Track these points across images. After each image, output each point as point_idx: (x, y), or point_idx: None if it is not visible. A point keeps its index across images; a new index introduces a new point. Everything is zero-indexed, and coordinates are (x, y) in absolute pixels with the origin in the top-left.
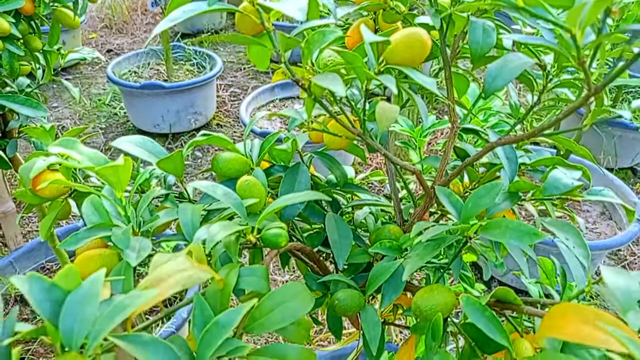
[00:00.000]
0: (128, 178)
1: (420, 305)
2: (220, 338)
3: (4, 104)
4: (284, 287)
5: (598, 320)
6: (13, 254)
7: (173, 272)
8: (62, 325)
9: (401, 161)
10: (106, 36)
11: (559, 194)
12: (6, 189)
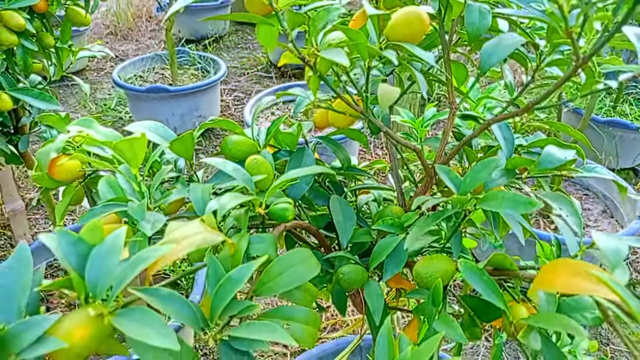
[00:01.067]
0: (143, 153)
1: (421, 272)
2: (233, 292)
3: (18, 97)
4: (291, 253)
5: (587, 274)
6: None
7: (187, 235)
8: (87, 275)
9: (402, 139)
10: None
11: (553, 168)
12: (15, 188)
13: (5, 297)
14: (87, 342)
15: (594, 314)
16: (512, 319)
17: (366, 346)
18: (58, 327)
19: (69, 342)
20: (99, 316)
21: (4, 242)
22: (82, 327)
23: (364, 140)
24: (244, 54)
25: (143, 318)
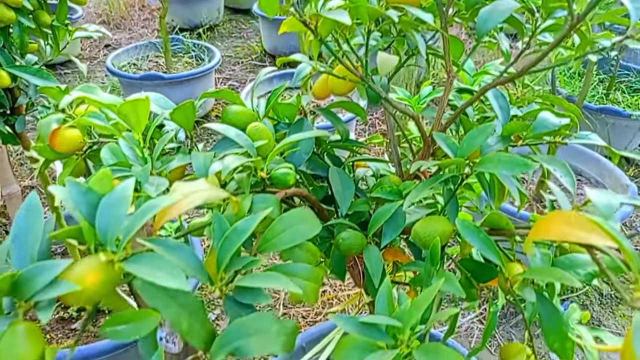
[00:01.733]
0: (146, 118)
1: (419, 232)
2: (239, 242)
3: (16, 73)
4: (293, 212)
5: (580, 222)
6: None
7: (193, 191)
8: (98, 223)
9: (400, 106)
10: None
11: (547, 132)
12: (11, 171)
13: (18, 246)
14: (98, 287)
15: (587, 271)
16: (508, 275)
17: None
18: (70, 272)
19: (81, 286)
20: (109, 263)
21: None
22: (94, 272)
23: (362, 114)
24: (238, 43)
25: (153, 262)
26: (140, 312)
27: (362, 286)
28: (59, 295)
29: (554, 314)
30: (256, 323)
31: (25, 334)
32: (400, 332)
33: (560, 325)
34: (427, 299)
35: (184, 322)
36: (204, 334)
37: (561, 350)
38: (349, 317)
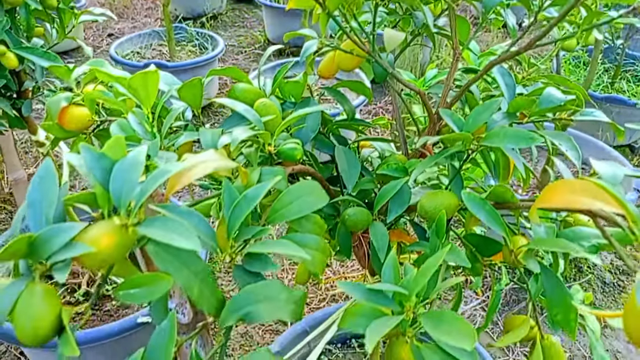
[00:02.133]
0: (156, 92)
1: (425, 205)
2: (249, 209)
3: (23, 55)
4: (300, 184)
5: (584, 189)
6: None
7: (203, 160)
8: (112, 187)
9: (406, 81)
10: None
11: (553, 108)
12: (17, 157)
13: (33, 210)
14: (112, 250)
15: (591, 243)
16: (512, 247)
17: None
18: (85, 234)
19: (96, 248)
20: (123, 226)
21: (5, 216)
22: (108, 235)
23: (367, 93)
24: (241, 32)
25: (166, 225)
26: (152, 276)
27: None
28: (75, 256)
29: (557, 286)
30: (265, 290)
31: (42, 295)
32: (406, 299)
33: (564, 297)
34: (432, 267)
35: (195, 287)
36: (214, 301)
37: (564, 321)
38: (356, 284)
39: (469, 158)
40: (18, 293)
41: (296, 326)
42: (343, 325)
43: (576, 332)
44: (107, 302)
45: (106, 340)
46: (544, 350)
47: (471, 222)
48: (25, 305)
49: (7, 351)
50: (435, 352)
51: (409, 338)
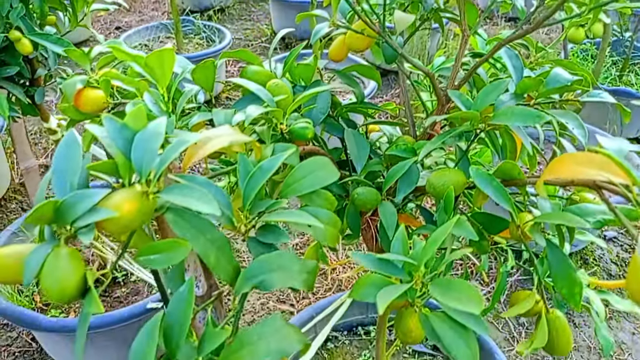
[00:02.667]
0: (171, 70)
1: (434, 182)
2: (264, 179)
3: (37, 41)
4: (312, 159)
5: (590, 161)
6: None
7: (219, 134)
8: (133, 156)
9: (417, 61)
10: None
11: (560, 87)
12: (29, 146)
13: (59, 178)
14: (134, 216)
15: (596, 219)
16: (519, 222)
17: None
18: (108, 201)
19: (118, 213)
20: (144, 194)
21: (16, 206)
22: (130, 201)
23: (376, 78)
24: (247, 25)
25: (185, 192)
26: (171, 242)
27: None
28: (99, 220)
29: (562, 260)
30: (279, 260)
31: (67, 257)
32: (415, 269)
33: (569, 271)
34: (440, 236)
35: (211, 255)
36: (230, 269)
37: (569, 295)
38: (366, 254)
39: (477, 138)
40: (45, 256)
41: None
42: (354, 295)
43: (580, 304)
44: (117, 289)
45: (116, 326)
46: (549, 323)
47: (478, 200)
48: (52, 267)
49: (19, 337)
50: (444, 321)
51: (418, 307)
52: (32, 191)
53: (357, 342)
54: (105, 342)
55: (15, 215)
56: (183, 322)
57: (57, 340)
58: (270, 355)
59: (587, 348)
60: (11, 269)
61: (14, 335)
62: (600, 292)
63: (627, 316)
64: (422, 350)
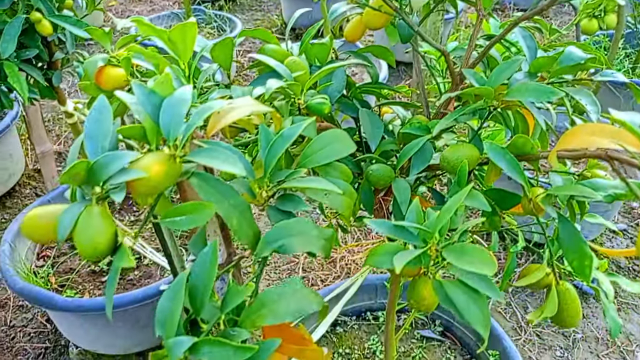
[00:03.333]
0: (193, 45)
1: (448, 157)
2: (285, 146)
3: (58, 22)
4: (330, 132)
5: (602, 131)
6: (51, 193)
7: (240, 105)
8: (162, 120)
9: (431, 40)
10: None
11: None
12: (44, 130)
13: (91, 141)
14: (162, 178)
15: (607, 193)
16: (531, 195)
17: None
18: (138, 162)
19: (148, 174)
20: (171, 157)
21: (30, 191)
22: (159, 163)
23: (390, 59)
24: (258, 15)
25: (212, 154)
26: (196, 205)
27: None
28: (129, 180)
29: (574, 233)
30: (298, 226)
31: (99, 215)
32: (430, 236)
33: (580, 244)
34: (454, 205)
35: (234, 218)
36: (251, 233)
37: (579, 267)
38: (382, 221)
39: (490, 115)
40: (78, 214)
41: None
42: (369, 263)
43: (590, 278)
44: (129, 272)
45: (130, 307)
46: (559, 295)
47: (491, 177)
48: (85, 224)
49: (34, 318)
50: (457, 286)
51: (432, 274)
52: (47, 175)
53: (365, 327)
54: (118, 323)
55: (29, 200)
56: (207, 281)
57: (72, 320)
58: (290, 314)
59: (595, 339)
60: (45, 228)
61: (29, 317)
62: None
63: (635, 308)
64: (430, 335)
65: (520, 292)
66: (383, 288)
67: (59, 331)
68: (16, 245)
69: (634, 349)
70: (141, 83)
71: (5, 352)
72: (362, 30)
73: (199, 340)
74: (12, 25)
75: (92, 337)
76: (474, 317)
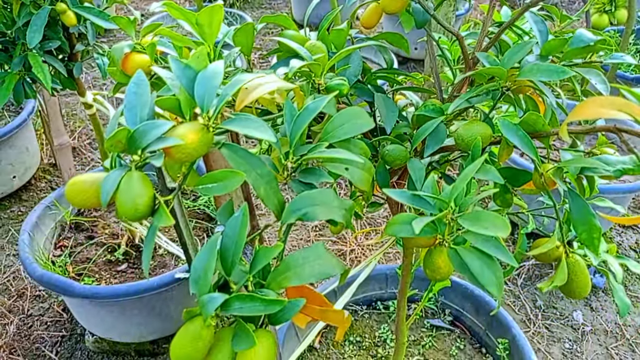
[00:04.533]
0: (219, 28)
1: (463, 134)
2: (309, 119)
3: (82, 13)
4: (349, 109)
5: (612, 103)
6: None
7: (267, 81)
8: (196, 92)
9: (446, 24)
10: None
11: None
12: (62, 123)
13: (130, 112)
14: (197, 145)
15: (616, 168)
16: (542, 170)
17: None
18: (174, 131)
19: (184, 142)
20: (205, 127)
21: (45, 185)
22: (194, 132)
23: (405, 46)
24: (267, 13)
25: (243, 122)
26: (227, 172)
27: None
28: (167, 146)
29: (583, 207)
30: (321, 196)
31: (139, 179)
32: (445, 205)
33: (589, 217)
34: (469, 174)
35: (261, 187)
36: (277, 201)
37: (588, 239)
38: (401, 191)
39: (503, 96)
40: (119, 178)
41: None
42: (387, 232)
43: (599, 250)
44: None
45: (146, 294)
46: (569, 267)
47: (503, 155)
48: (127, 187)
49: (50, 308)
50: (472, 252)
51: (447, 243)
52: (64, 167)
53: (376, 316)
54: (133, 310)
55: (45, 194)
56: (239, 242)
57: (89, 307)
58: (314, 276)
59: (604, 332)
60: (88, 192)
61: (45, 306)
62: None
63: None
64: (439, 325)
65: (529, 285)
66: (393, 278)
67: (75, 320)
68: (35, 235)
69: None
70: (177, 58)
71: (23, 340)
72: (379, 16)
73: (231, 297)
74: (38, 16)
75: (108, 325)
76: (488, 280)
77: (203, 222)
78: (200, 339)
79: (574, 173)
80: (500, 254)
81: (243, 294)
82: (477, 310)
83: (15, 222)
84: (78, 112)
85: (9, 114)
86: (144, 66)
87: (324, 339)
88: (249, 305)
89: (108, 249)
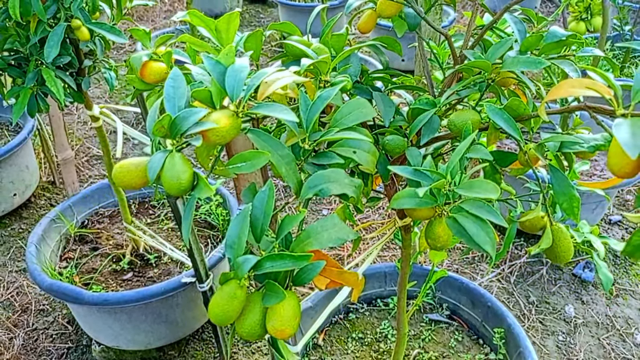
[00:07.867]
0: (234, 33)
1: (454, 120)
2: (322, 106)
3: (94, 29)
4: (354, 100)
5: (581, 84)
6: (72, 199)
7: (283, 76)
8: (227, 84)
9: (435, 25)
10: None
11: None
12: (66, 138)
13: (169, 102)
14: (229, 128)
15: (590, 144)
16: (525, 148)
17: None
18: (210, 117)
19: (218, 125)
20: (234, 113)
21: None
22: (226, 117)
23: (398, 49)
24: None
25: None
26: (254, 152)
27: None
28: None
29: (563, 180)
30: (333, 174)
31: (180, 159)
32: (442, 177)
33: (568, 188)
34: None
35: (282, 167)
36: (295, 180)
37: (569, 208)
38: (404, 167)
39: (489, 87)
40: (164, 158)
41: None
42: (393, 205)
43: (579, 216)
44: (149, 270)
45: (153, 299)
46: (553, 233)
47: (492, 139)
48: (170, 166)
49: (55, 321)
50: (468, 217)
51: (445, 212)
52: (68, 181)
53: (376, 313)
54: (141, 317)
55: (44, 211)
56: (267, 211)
57: (97, 316)
58: (332, 241)
59: (595, 323)
60: (135, 173)
61: (50, 320)
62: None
63: (633, 293)
64: (438, 319)
65: (522, 282)
66: (391, 275)
67: (80, 331)
68: (41, 247)
69: (632, 331)
70: (210, 55)
71: (29, 353)
72: (374, 21)
73: (262, 258)
74: (55, 32)
75: (115, 333)
76: (482, 240)
77: (205, 230)
78: (235, 298)
79: (553, 150)
80: (492, 216)
81: (272, 254)
82: (473, 303)
83: (17, 239)
84: (75, 131)
85: (9, 133)
86: (160, 73)
87: (327, 336)
88: (279, 263)
89: (113, 259)
